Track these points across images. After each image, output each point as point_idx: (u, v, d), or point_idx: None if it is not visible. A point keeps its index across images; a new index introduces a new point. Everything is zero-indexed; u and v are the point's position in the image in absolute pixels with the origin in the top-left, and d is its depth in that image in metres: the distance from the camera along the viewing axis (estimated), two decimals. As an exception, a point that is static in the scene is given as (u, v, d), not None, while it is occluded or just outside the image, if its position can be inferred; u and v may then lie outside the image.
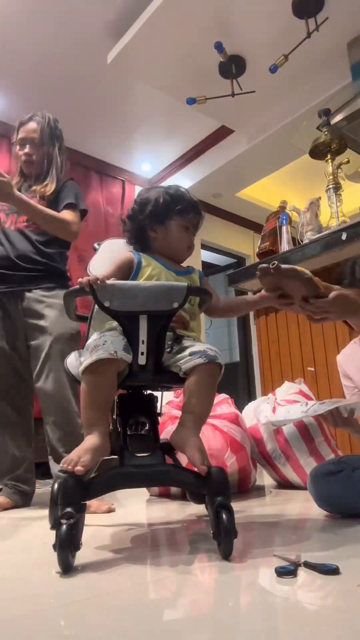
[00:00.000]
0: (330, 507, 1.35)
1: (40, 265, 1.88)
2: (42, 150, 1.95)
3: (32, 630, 0.66)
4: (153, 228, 1.34)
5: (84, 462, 0.97)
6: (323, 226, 2.58)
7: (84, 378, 1.10)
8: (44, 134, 1.95)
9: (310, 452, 1.93)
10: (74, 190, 1.93)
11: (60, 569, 0.88)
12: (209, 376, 1.13)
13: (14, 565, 1.04)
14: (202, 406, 1.14)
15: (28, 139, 1.94)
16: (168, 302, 1.10)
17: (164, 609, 0.74)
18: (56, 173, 1.96)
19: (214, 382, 1.15)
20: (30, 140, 1.94)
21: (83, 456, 0.98)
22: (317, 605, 0.71)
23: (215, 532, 0.95)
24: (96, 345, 1.08)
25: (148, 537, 1.28)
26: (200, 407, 1.13)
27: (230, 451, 1.86)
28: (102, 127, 3.68)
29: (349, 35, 2.76)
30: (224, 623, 0.66)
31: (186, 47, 2.76)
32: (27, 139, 1.94)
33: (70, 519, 0.89)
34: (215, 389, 1.18)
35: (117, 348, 1.07)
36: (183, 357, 1.13)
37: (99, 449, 1.02)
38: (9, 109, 3.33)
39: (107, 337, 1.10)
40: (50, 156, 1.97)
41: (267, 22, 2.62)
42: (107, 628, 0.66)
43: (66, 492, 0.94)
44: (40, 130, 1.94)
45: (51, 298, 1.84)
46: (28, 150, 1.94)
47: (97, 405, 1.08)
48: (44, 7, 2.65)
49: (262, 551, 1.03)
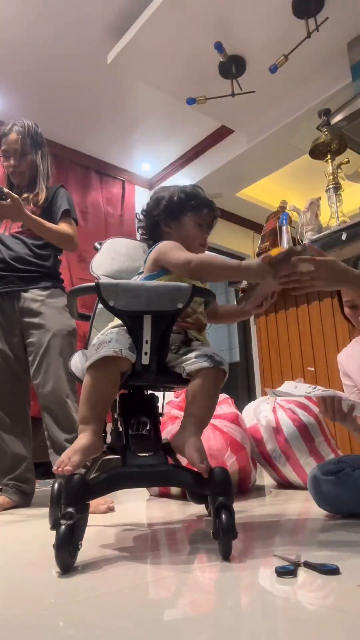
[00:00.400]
0: (330, 507, 1.35)
1: (36, 266, 1.92)
2: (26, 161, 1.98)
3: (32, 630, 0.66)
4: (167, 223, 1.36)
5: (73, 462, 0.98)
6: (323, 226, 2.58)
7: (87, 374, 1.10)
8: (24, 143, 1.96)
9: (310, 452, 1.93)
10: (66, 198, 1.97)
11: (59, 569, 0.88)
12: (213, 381, 1.13)
13: (14, 565, 1.04)
14: (203, 410, 1.13)
15: (11, 150, 1.96)
16: (172, 302, 1.10)
17: (164, 608, 0.74)
18: (44, 180, 1.99)
19: (217, 387, 1.15)
20: (13, 152, 1.96)
21: (72, 456, 0.99)
22: (317, 605, 0.71)
23: (215, 532, 0.95)
24: (102, 342, 1.09)
25: (148, 537, 1.28)
26: (202, 410, 1.13)
27: (230, 451, 1.86)
28: (102, 127, 3.68)
29: (349, 35, 2.76)
30: (224, 623, 0.66)
31: (186, 47, 2.77)
32: (10, 151, 1.97)
33: (70, 519, 0.89)
34: (218, 394, 1.17)
35: (122, 346, 1.07)
36: (188, 358, 1.13)
37: (89, 448, 1.03)
38: (9, 109, 3.33)
39: (113, 335, 1.11)
40: (34, 164, 1.99)
41: (267, 22, 2.62)
42: (107, 628, 0.66)
43: (68, 492, 0.95)
44: (20, 140, 1.96)
45: (48, 297, 1.89)
46: (13, 162, 1.97)
47: (95, 402, 1.08)
48: (44, 8, 2.65)
49: (262, 551, 1.03)
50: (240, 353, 5.11)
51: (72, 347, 1.87)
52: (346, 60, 2.84)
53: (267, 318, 2.74)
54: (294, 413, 1.98)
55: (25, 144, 1.96)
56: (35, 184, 1.98)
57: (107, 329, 1.22)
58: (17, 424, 1.91)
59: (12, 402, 1.91)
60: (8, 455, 1.88)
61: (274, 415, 2.01)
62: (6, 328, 1.91)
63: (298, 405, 2.02)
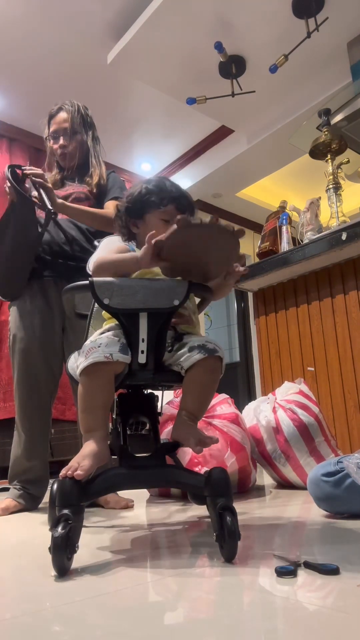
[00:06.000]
0: (330, 507, 1.35)
1: (88, 254, 1.83)
2: (76, 140, 1.90)
3: (32, 630, 0.66)
4: (134, 224, 1.29)
5: (83, 467, 0.96)
6: (323, 226, 2.58)
7: (80, 381, 1.08)
8: (74, 122, 1.89)
9: (310, 452, 1.93)
10: (119, 184, 1.90)
11: (55, 572, 0.88)
12: (209, 371, 1.12)
13: (14, 566, 1.04)
14: (197, 404, 1.13)
15: (60, 130, 1.89)
16: (168, 300, 1.09)
17: (164, 609, 0.74)
18: (97, 162, 1.91)
19: (213, 377, 1.14)
20: (63, 131, 1.89)
21: (82, 462, 0.98)
22: (317, 605, 0.71)
23: (219, 534, 0.94)
24: (91, 348, 1.07)
25: (148, 537, 1.27)
26: (195, 404, 1.13)
27: (230, 451, 1.86)
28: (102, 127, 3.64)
29: (349, 35, 2.76)
30: (224, 623, 0.66)
31: (186, 47, 2.76)
32: (59, 131, 1.89)
33: (67, 522, 0.88)
34: (216, 383, 1.16)
35: (112, 350, 1.05)
36: (183, 354, 1.12)
37: (98, 455, 1.01)
38: (9, 109, 3.33)
39: (102, 340, 1.09)
40: (85, 145, 1.92)
41: (267, 22, 2.62)
42: (107, 628, 0.66)
43: (63, 494, 0.93)
44: (71, 119, 1.88)
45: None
46: (62, 141, 1.89)
47: (94, 409, 1.07)
48: (44, 8, 2.65)
49: (262, 551, 1.03)
50: (240, 353, 5.11)
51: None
52: (346, 60, 2.84)
53: (267, 318, 2.74)
54: (294, 413, 1.98)
55: (75, 123, 1.89)
56: (86, 166, 1.90)
57: (101, 331, 1.19)
58: (42, 422, 1.80)
59: (43, 400, 1.80)
60: (22, 457, 1.78)
61: (274, 415, 2.01)
62: (49, 320, 1.80)
63: (298, 405, 2.01)
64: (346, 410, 2.30)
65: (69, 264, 1.81)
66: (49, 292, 1.82)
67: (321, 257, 2.33)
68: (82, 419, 1.09)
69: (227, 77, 2.94)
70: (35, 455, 1.79)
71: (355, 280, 2.33)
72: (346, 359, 2.33)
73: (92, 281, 1.08)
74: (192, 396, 1.13)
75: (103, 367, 1.05)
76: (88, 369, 1.05)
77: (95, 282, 1.08)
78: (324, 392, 2.40)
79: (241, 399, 4.56)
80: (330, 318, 2.42)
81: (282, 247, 2.63)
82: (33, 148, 3.57)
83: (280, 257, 2.48)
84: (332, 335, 2.41)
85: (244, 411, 2.18)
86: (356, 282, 2.33)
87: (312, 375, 2.46)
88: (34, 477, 1.79)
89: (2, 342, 2.96)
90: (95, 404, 1.07)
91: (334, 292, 2.42)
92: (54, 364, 1.82)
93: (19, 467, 1.79)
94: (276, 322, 2.69)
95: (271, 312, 2.72)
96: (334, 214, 2.56)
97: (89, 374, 1.06)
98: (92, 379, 1.06)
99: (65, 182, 1.92)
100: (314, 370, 2.46)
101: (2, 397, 2.85)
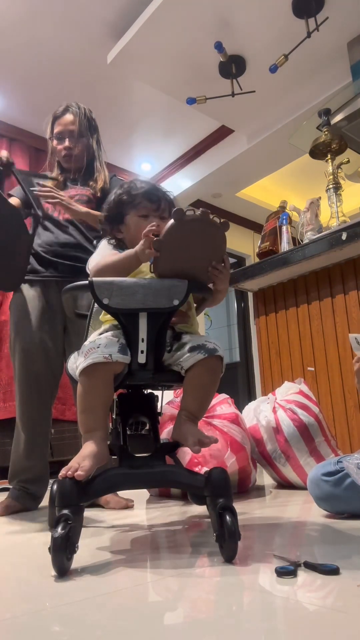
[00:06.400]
0: (330, 507, 1.35)
1: (89, 254, 1.83)
2: (82, 143, 1.91)
3: (32, 630, 0.66)
4: (118, 229, 1.31)
5: (84, 467, 0.96)
6: (323, 226, 2.58)
7: (80, 381, 1.09)
8: (81, 125, 1.90)
9: (310, 452, 1.93)
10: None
11: (55, 572, 0.88)
12: (209, 371, 1.12)
13: (14, 566, 1.04)
14: (197, 404, 1.14)
15: (65, 132, 1.89)
16: (168, 299, 1.08)
17: (164, 609, 0.74)
18: (101, 166, 1.92)
19: (213, 377, 1.14)
20: (69, 133, 1.89)
21: (82, 462, 0.98)
22: (317, 605, 0.71)
23: (219, 534, 0.94)
24: (90, 349, 1.07)
25: (148, 537, 1.27)
26: (196, 404, 1.13)
27: (230, 451, 1.86)
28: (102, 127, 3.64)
29: (349, 35, 2.76)
30: (224, 623, 0.66)
31: (186, 47, 2.77)
32: (65, 132, 1.89)
33: (67, 522, 0.88)
34: (217, 383, 1.16)
35: (111, 351, 1.06)
36: (183, 354, 1.12)
37: (98, 455, 1.02)
38: (9, 109, 3.33)
39: (101, 340, 1.09)
40: (90, 148, 1.93)
41: (267, 22, 2.62)
42: (107, 628, 0.66)
43: (63, 494, 0.93)
44: (78, 122, 1.89)
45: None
46: (68, 143, 1.89)
47: (94, 409, 1.07)
48: (44, 8, 2.65)
49: (262, 551, 1.03)
50: (240, 353, 5.11)
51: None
52: (346, 60, 2.84)
53: (267, 318, 2.74)
54: (294, 413, 1.98)
55: (81, 125, 1.89)
56: (89, 169, 1.91)
57: (101, 331, 1.19)
58: (44, 421, 1.80)
59: (43, 399, 1.79)
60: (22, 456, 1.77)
61: (274, 415, 2.01)
62: (50, 319, 1.80)
63: (298, 405, 2.01)
64: (346, 410, 2.30)
65: (70, 264, 1.81)
66: (50, 292, 1.82)
67: (321, 257, 2.33)
68: (82, 420, 1.09)
69: (227, 77, 2.94)
70: (35, 454, 1.79)
71: (355, 280, 2.33)
72: (346, 359, 2.33)
73: (91, 281, 1.08)
74: (192, 396, 1.13)
75: (102, 368, 1.05)
76: (87, 369, 1.05)
77: (94, 282, 1.07)
78: (324, 392, 2.40)
79: (241, 399, 4.56)
80: (330, 318, 2.42)
81: (282, 247, 2.63)
82: (33, 148, 3.57)
83: (281, 257, 2.48)
84: (332, 335, 2.40)
85: (244, 411, 2.18)
86: (356, 282, 2.33)
87: (312, 375, 2.46)
88: (34, 476, 1.79)
89: (2, 342, 2.95)
90: (94, 404, 1.07)
91: (334, 292, 2.42)
92: (54, 364, 1.81)
93: (19, 466, 1.79)
94: (276, 322, 2.69)
95: (271, 312, 2.72)
96: (334, 214, 2.56)
97: (88, 374, 1.06)
98: (92, 379, 1.07)
99: (68, 184, 1.93)
100: (314, 370, 2.46)
101: (2, 397, 2.84)
